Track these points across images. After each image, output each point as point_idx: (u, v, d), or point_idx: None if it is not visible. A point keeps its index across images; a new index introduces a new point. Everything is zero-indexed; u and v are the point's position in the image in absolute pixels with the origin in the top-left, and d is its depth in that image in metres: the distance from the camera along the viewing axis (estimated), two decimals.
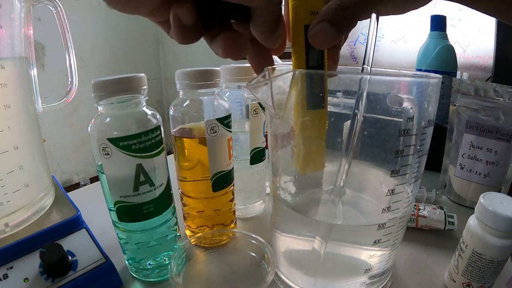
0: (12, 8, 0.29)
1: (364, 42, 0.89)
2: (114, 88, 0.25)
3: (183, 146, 0.32)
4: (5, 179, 0.28)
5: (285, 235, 0.30)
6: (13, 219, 0.29)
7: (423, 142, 0.24)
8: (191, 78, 0.30)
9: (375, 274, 0.27)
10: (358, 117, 0.22)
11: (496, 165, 0.42)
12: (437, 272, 0.32)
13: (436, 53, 0.60)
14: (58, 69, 1.71)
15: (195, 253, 0.32)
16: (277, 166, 0.29)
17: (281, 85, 0.21)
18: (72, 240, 0.30)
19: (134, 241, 0.29)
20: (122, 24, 2.25)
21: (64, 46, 0.38)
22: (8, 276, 0.26)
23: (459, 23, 0.76)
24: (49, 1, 0.35)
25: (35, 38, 0.34)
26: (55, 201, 0.35)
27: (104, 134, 0.25)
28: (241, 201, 0.42)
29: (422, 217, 0.37)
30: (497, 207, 0.25)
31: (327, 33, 0.19)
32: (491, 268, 0.26)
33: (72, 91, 0.39)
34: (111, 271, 0.29)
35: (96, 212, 0.37)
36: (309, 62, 0.22)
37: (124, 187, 0.26)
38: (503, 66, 0.59)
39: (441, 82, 0.24)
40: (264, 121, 0.39)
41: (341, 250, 0.27)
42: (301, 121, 0.23)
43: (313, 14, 0.21)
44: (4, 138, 0.28)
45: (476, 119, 0.43)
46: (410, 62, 0.78)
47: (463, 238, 0.28)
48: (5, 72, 0.29)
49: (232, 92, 0.39)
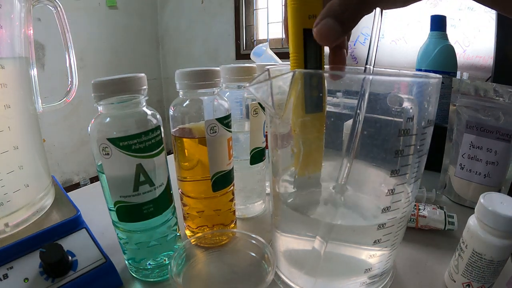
0: (12, 8, 0.29)
1: (364, 42, 0.89)
2: (114, 88, 0.25)
3: (183, 146, 0.32)
4: (5, 179, 0.28)
5: (285, 235, 0.30)
6: (13, 219, 0.29)
7: (423, 142, 0.24)
8: (191, 78, 0.30)
9: (375, 274, 0.27)
10: (360, 117, 0.22)
11: (496, 165, 0.42)
12: (437, 272, 0.32)
13: (436, 53, 0.60)
14: (58, 69, 1.72)
15: (195, 253, 0.32)
16: (277, 166, 0.29)
17: (281, 85, 0.21)
18: (72, 240, 0.30)
19: (134, 241, 0.29)
20: (122, 24, 2.25)
21: (64, 46, 0.38)
22: (8, 276, 0.26)
23: (459, 23, 0.76)
24: (49, 1, 0.35)
25: (35, 38, 0.34)
26: (55, 201, 0.35)
27: (104, 134, 0.25)
28: (241, 201, 0.42)
29: (422, 217, 0.37)
30: (497, 207, 0.25)
31: (331, 28, 0.19)
32: (491, 268, 0.26)
33: (72, 91, 0.39)
34: (111, 271, 0.29)
35: (96, 212, 0.37)
36: (307, 65, 0.22)
37: (124, 187, 0.26)
38: (503, 66, 0.59)
39: (441, 82, 0.24)
40: (264, 121, 0.39)
41: (341, 250, 0.27)
42: (300, 122, 0.23)
43: (311, 18, 0.21)
44: (4, 138, 0.28)
45: (476, 119, 0.43)
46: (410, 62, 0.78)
47: (463, 238, 0.28)
48: (5, 72, 0.29)
49: (232, 92, 0.39)
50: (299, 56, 0.22)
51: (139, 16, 2.36)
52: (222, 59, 2.29)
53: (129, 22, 2.29)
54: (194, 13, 2.35)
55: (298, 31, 0.21)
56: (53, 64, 1.80)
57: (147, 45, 2.51)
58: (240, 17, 2.19)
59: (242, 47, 2.24)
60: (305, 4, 0.21)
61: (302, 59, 0.22)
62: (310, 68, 0.22)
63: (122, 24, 2.25)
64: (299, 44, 0.22)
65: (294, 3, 0.21)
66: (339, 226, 0.26)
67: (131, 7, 2.28)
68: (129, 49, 2.34)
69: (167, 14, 2.50)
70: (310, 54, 0.22)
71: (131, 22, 2.31)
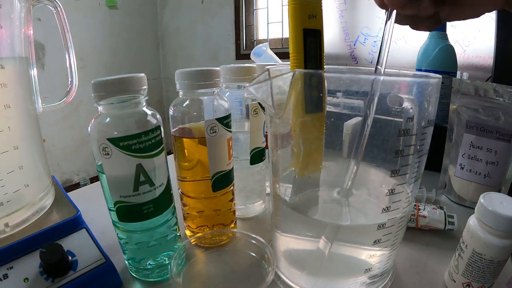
0: (12, 8, 0.29)
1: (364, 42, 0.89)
2: (114, 88, 0.25)
3: (183, 146, 0.32)
4: (5, 179, 0.28)
5: (285, 235, 0.30)
6: (13, 219, 0.29)
7: (423, 142, 0.24)
8: (191, 78, 0.30)
9: (375, 274, 0.27)
10: (369, 120, 0.22)
11: (496, 165, 0.42)
12: (437, 272, 0.32)
13: (436, 53, 0.60)
14: (58, 69, 1.71)
15: (195, 253, 0.32)
16: (277, 166, 0.29)
17: (281, 85, 0.21)
18: (72, 240, 0.30)
19: (134, 241, 0.29)
20: (122, 24, 2.25)
21: (64, 46, 0.38)
22: (8, 276, 0.26)
23: (459, 23, 0.76)
24: (49, 1, 0.35)
25: (35, 38, 0.34)
26: (55, 201, 0.35)
27: (104, 134, 0.25)
28: (241, 201, 0.42)
29: (422, 217, 0.37)
30: (497, 207, 0.25)
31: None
32: (491, 268, 0.26)
33: (72, 91, 0.39)
34: (111, 271, 0.29)
35: (96, 212, 0.37)
36: (307, 65, 0.22)
37: (124, 187, 0.26)
38: (503, 66, 0.59)
39: (441, 82, 0.24)
40: (264, 121, 0.39)
41: (341, 250, 0.27)
42: (300, 122, 0.23)
43: (311, 18, 0.21)
44: (4, 138, 0.28)
45: (476, 119, 0.43)
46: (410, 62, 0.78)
47: (463, 238, 0.28)
48: (5, 72, 0.29)
49: (232, 92, 0.39)
50: (299, 56, 0.22)
51: (139, 16, 2.36)
52: (222, 59, 2.29)
53: (129, 22, 2.29)
54: (194, 13, 2.34)
55: (298, 31, 0.21)
56: (53, 64, 1.80)
57: (147, 45, 2.51)
58: (240, 17, 2.19)
59: (242, 47, 2.24)
60: (305, 4, 0.21)
61: (302, 59, 0.22)
62: (310, 68, 0.22)
63: (122, 24, 2.25)
64: (299, 44, 0.22)
65: (294, 3, 0.21)
66: (339, 225, 0.26)
67: (131, 7, 2.28)
68: (129, 49, 2.34)
69: (167, 14, 2.50)
70: (310, 54, 0.22)
71: (131, 22, 2.31)
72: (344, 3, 0.91)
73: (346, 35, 0.93)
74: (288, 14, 0.22)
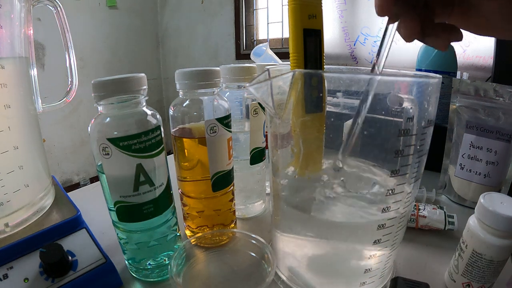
0: (12, 8, 0.29)
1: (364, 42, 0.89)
2: (114, 88, 0.25)
3: (183, 146, 0.32)
4: (5, 179, 0.28)
5: (285, 235, 0.30)
6: (13, 219, 0.29)
7: (423, 142, 0.24)
8: (191, 78, 0.30)
9: (375, 274, 0.27)
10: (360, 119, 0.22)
11: (496, 165, 0.42)
12: (437, 272, 0.32)
13: (436, 53, 0.60)
14: (58, 69, 1.71)
15: (195, 253, 0.32)
16: (277, 166, 0.29)
17: (281, 85, 0.21)
18: (72, 240, 0.30)
19: (134, 241, 0.29)
20: (122, 24, 2.25)
21: (64, 46, 0.38)
22: (8, 276, 0.26)
23: None
24: (49, 1, 0.35)
25: (35, 38, 0.34)
26: (55, 201, 0.35)
27: (104, 134, 0.25)
28: (241, 201, 0.42)
29: (422, 217, 0.37)
30: (497, 207, 0.25)
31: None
32: (491, 268, 0.26)
33: (72, 91, 0.39)
34: (111, 271, 0.29)
35: (96, 212, 0.37)
36: (307, 65, 0.22)
37: (124, 187, 0.26)
38: (503, 66, 0.59)
39: (441, 82, 0.24)
40: (264, 121, 0.39)
41: (341, 250, 0.27)
42: (300, 122, 0.23)
43: (311, 18, 0.21)
44: (4, 138, 0.28)
45: (476, 119, 0.43)
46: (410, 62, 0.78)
47: (463, 238, 0.28)
48: (5, 72, 0.29)
49: (232, 92, 0.39)
50: (299, 56, 0.22)
51: (139, 16, 2.36)
52: (222, 59, 2.29)
53: (129, 22, 2.29)
54: (194, 13, 2.34)
55: (298, 31, 0.21)
56: (53, 64, 1.80)
57: (147, 45, 2.51)
58: (240, 17, 2.19)
59: (242, 47, 2.23)
60: (305, 4, 0.21)
61: (302, 59, 0.22)
62: (310, 68, 0.22)
63: (122, 24, 2.24)
64: (299, 44, 0.22)
65: (294, 3, 0.21)
66: (338, 226, 0.26)
67: (131, 7, 2.28)
68: (129, 49, 2.34)
69: (167, 14, 2.50)
70: (310, 54, 0.22)
71: (131, 22, 2.31)
72: (344, 3, 0.91)
73: (346, 35, 0.93)
74: (288, 14, 0.22)
